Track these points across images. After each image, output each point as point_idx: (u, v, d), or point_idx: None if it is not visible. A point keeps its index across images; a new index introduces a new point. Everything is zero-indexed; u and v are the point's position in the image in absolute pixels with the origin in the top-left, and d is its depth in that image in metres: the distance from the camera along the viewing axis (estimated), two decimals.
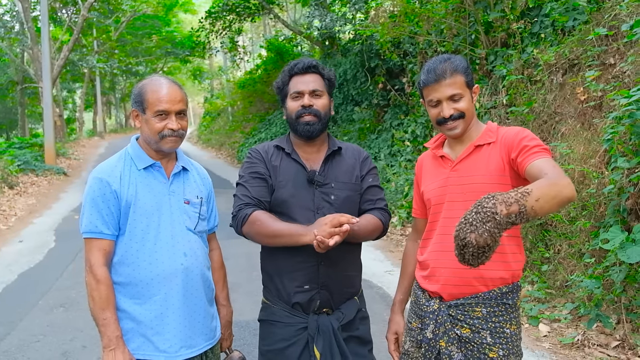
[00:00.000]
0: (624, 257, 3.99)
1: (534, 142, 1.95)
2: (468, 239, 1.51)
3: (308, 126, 2.32)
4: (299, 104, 2.33)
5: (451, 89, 2.07)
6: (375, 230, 2.34)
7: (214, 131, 30.94)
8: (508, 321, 2.04)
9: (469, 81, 2.11)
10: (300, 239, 2.13)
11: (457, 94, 2.08)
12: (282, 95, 2.43)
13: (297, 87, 2.35)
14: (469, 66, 2.14)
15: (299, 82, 2.35)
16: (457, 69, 2.08)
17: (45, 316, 5.42)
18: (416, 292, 2.25)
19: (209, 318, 2.35)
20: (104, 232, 2.17)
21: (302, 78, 2.36)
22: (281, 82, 2.41)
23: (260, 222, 2.22)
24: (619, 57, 5.81)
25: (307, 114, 2.32)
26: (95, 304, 2.13)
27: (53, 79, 18.67)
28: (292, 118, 2.36)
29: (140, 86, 2.25)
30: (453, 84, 2.07)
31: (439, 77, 2.07)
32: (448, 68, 2.07)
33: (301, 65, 2.36)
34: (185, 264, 2.24)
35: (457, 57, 2.13)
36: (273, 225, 2.21)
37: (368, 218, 2.33)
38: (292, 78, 2.38)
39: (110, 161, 2.29)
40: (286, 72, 2.39)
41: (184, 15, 36.91)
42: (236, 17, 19.36)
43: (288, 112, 2.38)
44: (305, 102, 2.32)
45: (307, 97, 2.33)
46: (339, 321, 2.30)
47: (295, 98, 2.35)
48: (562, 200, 1.65)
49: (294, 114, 2.34)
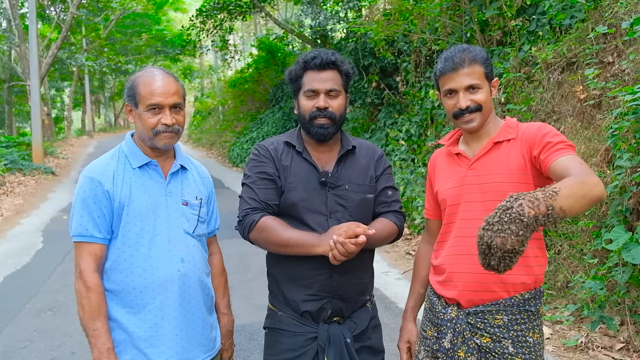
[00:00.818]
0: (629, 258, 3.90)
1: (557, 138, 1.84)
2: (493, 243, 1.40)
3: (322, 129, 2.16)
4: (313, 104, 2.16)
5: (469, 79, 1.96)
6: (390, 235, 2.21)
7: (204, 130, 30.76)
8: (531, 329, 1.92)
9: (489, 73, 2.00)
10: (313, 250, 2.01)
11: (475, 85, 1.97)
12: (294, 87, 2.24)
13: (312, 85, 2.16)
14: (489, 57, 2.03)
15: (315, 80, 2.16)
16: (476, 59, 1.97)
17: (33, 320, 5.27)
18: (431, 298, 2.12)
19: (208, 328, 2.20)
20: (95, 236, 2.02)
21: (318, 75, 2.17)
22: (294, 74, 2.22)
23: (270, 230, 2.07)
24: (617, 56, 5.74)
25: (321, 117, 2.15)
26: (85, 313, 1.99)
27: (41, 77, 18.42)
28: (305, 118, 2.19)
29: (133, 78, 2.11)
30: (471, 74, 1.96)
31: (457, 66, 1.96)
32: (467, 57, 1.97)
33: (319, 61, 2.16)
34: (182, 271, 2.09)
35: (477, 47, 2.02)
36: (283, 233, 2.06)
37: (383, 223, 2.20)
38: (306, 72, 2.19)
39: (102, 159, 2.13)
40: (301, 63, 2.20)
41: (174, 14, 36.62)
42: (227, 15, 19.18)
43: (301, 110, 2.20)
44: (320, 104, 2.15)
45: (323, 98, 2.15)
46: (352, 331, 2.16)
47: (310, 97, 2.17)
48: (592, 199, 1.54)
49: (308, 114, 2.17)
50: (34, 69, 17.11)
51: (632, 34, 4.84)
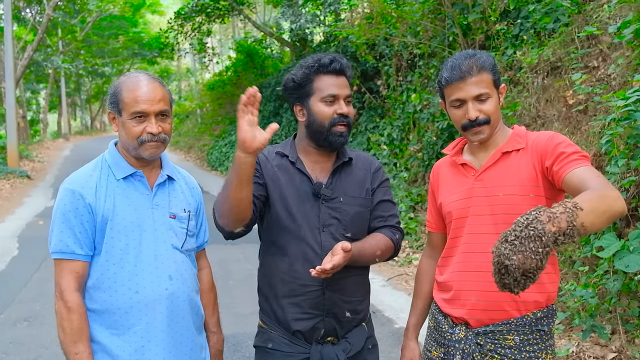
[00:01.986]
0: (621, 266, 3.84)
1: (571, 149, 1.75)
2: (510, 262, 1.30)
3: (342, 138, 2.04)
4: (333, 110, 2.02)
5: (477, 88, 1.85)
6: (385, 251, 2.09)
7: (182, 133, 30.47)
8: (543, 350, 1.83)
9: (497, 80, 1.89)
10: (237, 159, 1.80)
11: (484, 94, 1.86)
12: (299, 93, 2.07)
13: (331, 90, 2.02)
14: (496, 64, 1.92)
15: (333, 85, 2.03)
16: (485, 66, 1.86)
17: (8, 332, 5.06)
18: (437, 316, 2.01)
19: (197, 349, 2.07)
20: (76, 252, 1.88)
21: (336, 80, 2.04)
22: (302, 78, 2.05)
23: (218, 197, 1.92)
24: (602, 60, 5.74)
25: (341, 124, 2.03)
26: (66, 336, 1.84)
27: (16, 80, 18.08)
28: (323, 125, 2.03)
29: (116, 84, 1.96)
30: (480, 82, 1.85)
31: (465, 75, 1.85)
32: (475, 64, 1.85)
33: (338, 66, 2.03)
34: (170, 289, 1.95)
35: (484, 53, 1.92)
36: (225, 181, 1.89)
37: (377, 238, 2.08)
38: (319, 76, 2.04)
39: (84, 170, 1.99)
40: (315, 67, 2.04)
41: (152, 16, 36.34)
42: (205, 18, 19.05)
43: (318, 117, 2.03)
44: (344, 110, 2.02)
45: (344, 104, 2.03)
46: (346, 352, 2.04)
47: (330, 103, 2.03)
48: (613, 214, 1.46)
49: (328, 121, 2.02)
50: (9, 72, 16.75)
51: (621, 37, 4.81)
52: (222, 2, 18.14)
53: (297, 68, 2.09)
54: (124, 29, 32.17)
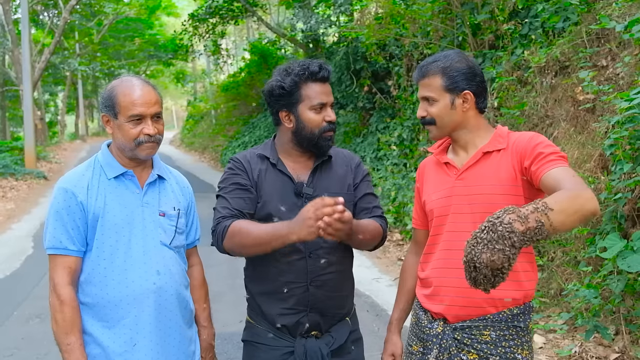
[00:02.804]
0: (624, 266, 3.83)
1: (549, 149, 1.77)
2: (480, 260, 1.33)
3: (330, 142, 2.12)
4: (322, 118, 2.08)
5: (425, 90, 1.95)
6: (376, 234, 2.11)
7: (197, 134, 30.66)
8: (519, 346, 1.86)
9: (449, 85, 1.92)
10: (289, 238, 1.87)
11: (429, 97, 1.94)
12: (288, 100, 2.09)
13: (320, 98, 2.07)
14: (461, 70, 1.93)
15: (321, 92, 2.08)
16: (437, 71, 1.92)
17: (21, 328, 5.18)
18: (418, 312, 2.05)
19: (185, 342, 2.13)
20: (69, 248, 1.96)
21: (322, 87, 2.09)
22: (290, 85, 2.07)
23: (241, 233, 1.97)
24: (611, 59, 5.70)
25: (330, 130, 2.11)
26: (58, 328, 1.93)
27: (34, 82, 18.33)
28: (313, 132, 2.08)
29: (110, 88, 2.03)
30: (427, 86, 1.94)
31: (419, 77, 1.97)
32: (431, 68, 1.94)
33: (326, 74, 2.09)
34: (158, 283, 2.02)
35: (451, 58, 1.94)
36: (255, 231, 1.95)
37: (368, 221, 2.11)
38: (307, 83, 2.08)
39: (77, 170, 2.07)
40: (301, 74, 2.07)
41: (167, 18, 36.59)
42: (219, 20, 19.17)
43: (308, 124, 2.08)
44: (332, 117, 2.10)
45: (331, 111, 2.10)
46: (329, 346, 2.09)
47: (319, 110, 2.08)
48: (584, 215, 1.47)
49: (319, 129, 2.08)
50: (27, 74, 16.98)
51: (631, 35, 4.77)
52: (235, 4, 18.24)
53: (283, 75, 2.10)
54: (139, 31, 32.44)
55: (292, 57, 21.38)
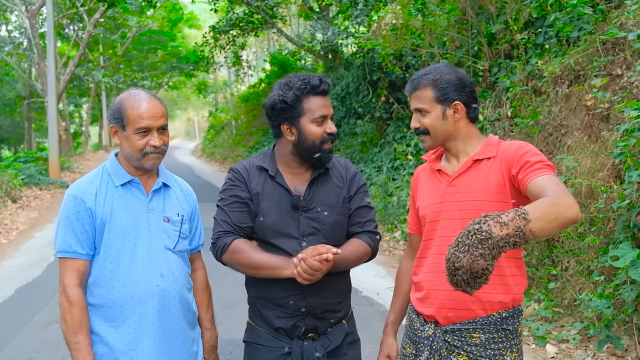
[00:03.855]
0: (636, 276, 3.82)
1: (536, 158, 1.82)
2: (460, 264, 1.39)
3: (330, 154, 2.18)
4: (323, 130, 2.13)
5: (417, 102, 2.01)
6: (363, 256, 2.19)
7: (217, 145, 30.95)
8: (508, 348, 1.89)
9: (440, 97, 1.98)
10: (282, 272, 2.01)
11: (422, 109, 2.00)
12: (290, 114, 2.13)
13: (322, 111, 2.12)
14: (451, 81, 1.99)
15: (322, 105, 2.13)
16: (428, 84, 1.99)
17: (40, 332, 5.32)
18: (411, 315, 2.11)
19: (188, 343, 2.21)
20: (77, 252, 2.06)
21: (323, 100, 2.14)
22: (292, 99, 2.11)
23: (241, 253, 2.08)
24: (626, 68, 5.67)
25: (330, 141, 2.16)
26: (67, 327, 2.02)
27: (59, 94, 18.71)
28: (314, 145, 2.12)
29: (118, 101, 2.12)
30: (419, 98, 2.00)
31: (412, 89, 2.03)
32: (422, 81, 2.00)
33: (327, 87, 2.14)
34: (161, 286, 2.10)
35: (441, 70, 2.00)
36: (254, 256, 2.07)
37: (356, 245, 2.17)
38: (308, 97, 2.12)
39: (87, 177, 2.17)
40: (302, 88, 2.11)
41: (189, 30, 37.06)
42: (240, 32, 19.39)
43: (310, 137, 2.12)
44: (333, 129, 2.15)
45: (331, 124, 2.15)
46: (325, 347, 2.15)
47: (319, 123, 2.13)
48: (564, 221, 1.51)
49: (319, 140, 2.13)
50: (51, 86, 17.32)
51: None
52: (255, 16, 18.46)
53: (284, 89, 2.14)
54: (162, 44, 32.90)
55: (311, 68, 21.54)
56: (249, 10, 18.29)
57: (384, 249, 8.50)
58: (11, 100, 31.80)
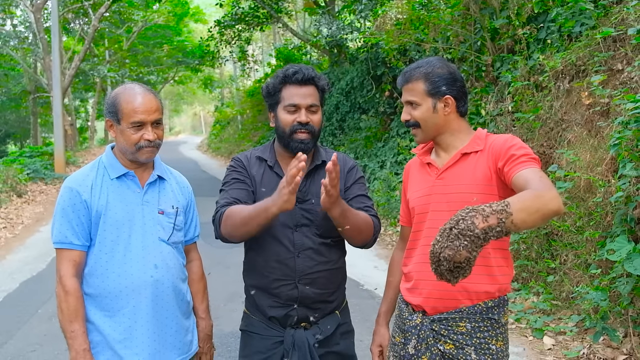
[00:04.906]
0: (631, 269, 3.85)
1: (521, 151, 1.85)
2: (443, 255, 1.42)
3: (302, 144, 2.18)
4: (294, 119, 2.18)
5: (408, 95, 2.05)
6: (368, 225, 2.18)
7: (223, 140, 31.00)
8: (494, 337, 1.93)
9: (431, 90, 2.02)
10: (270, 211, 1.98)
11: (413, 102, 2.04)
12: (271, 101, 2.25)
13: (293, 99, 2.18)
14: (442, 75, 2.03)
15: (296, 94, 2.19)
16: (420, 76, 2.02)
17: (43, 325, 5.40)
18: (400, 305, 2.15)
19: (182, 332, 2.26)
20: (73, 243, 2.11)
21: (299, 90, 2.19)
22: (272, 87, 2.23)
23: (232, 216, 2.09)
24: (626, 63, 5.68)
25: (302, 131, 2.18)
26: (63, 316, 2.07)
27: (64, 89, 18.76)
28: (284, 132, 2.20)
29: (113, 95, 2.17)
30: (410, 90, 2.04)
31: (402, 83, 2.07)
32: (414, 73, 2.03)
33: (300, 77, 2.19)
34: (155, 276, 2.15)
35: (433, 64, 2.04)
36: (242, 212, 2.07)
37: (360, 213, 2.17)
38: (285, 86, 2.21)
39: (83, 170, 2.22)
40: (280, 77, 2.21)
41: (195, 25, 37.06)
42: (245, 26, 19.39)
43: (281, 124, 2.21)
44: (303, 118, 2.17)
45: (304, 114, 2.18)
46: (316, 337, 2.20)
47: (291, 111, 2.19)
48: (546, 214, 1.53)
49: (288, 128, 2.18)
50: (57, 81, 17.38)
51: (638, 39, 4.79)
52: (261, 11, 18.47)
53: (272, 78, 2.25)
54: (168, 38, 32.90)
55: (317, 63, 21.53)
56: (255, 5, 18.30)
57: (387, 243, 8.54)
58: (17, 95, 31.89)
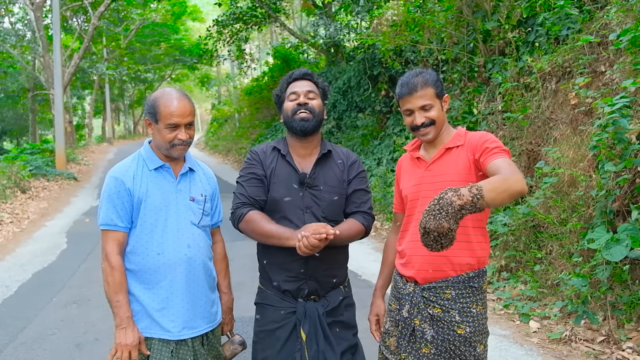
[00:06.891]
0: (608, 256, 4.20)
1: (494, 145, 2.20)
2: (428, 226, 1.75)
3: (303, 122, 2.53)
4: (294, 103, 2.56)
5: (422, 100, 2.33)
6: (356, 234, 2.56)
7: (221, 137, 31.24)
8: (474, 302, 2.28)
9: (439, 92, 2.36)
10: (287, 242, 2.37)
11: (428, 105, 2.33)
12: (279, 102, 2.66)
13: (293, 89, 2.59)
14: (439, 79, 2.39)
15: (295, 86, 2.60)
16: (428, 83, 2.33)
17: (59, 312, 5.68)
18: (395, 277, 2.50)
19: (209, 303, 2.58)
20: (118, 225, 2.43)
21: (298, 83, 2.61)
22: (279, 90, 2.65)
23: (254, 223, 2.46)
24: (609, 65, 6.02)
25: (302, 111, 2.54)
26: (109, 288, 2.39)
27: (64, 86, 18.88)
28: (288, 116, 2.56)
29: (153, 98, 2.48)
30: (424, 96, 2.33)
31: (411, 90, 2.33)
32: (419, 82, 2.33)
33: (298, 73, 2.63)
34: (188, 254, 2.47)
35: (428, 71, 2.38)
36: (265, 226, 2.44)
37: (350, 224, 2.54)
38: (289, 85, 2.62)
39: (125, 162, 2.54)
40: (284, 81, 2.64)
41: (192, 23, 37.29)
42: (243, 25, 19.66)
43: (285, 112, 2.58)
44: (301, 100, 2.56)
45: (303, 96, 2.56)
46: (324, 307, 2.53)
47: (292, 99, 2.57)
48: (512, 193, 1.88)
49: (290, 111, 2.55)
50: (58, 79, 17.54)
51: (617, 45, 5.13)
52: (259, 10, 18.74)
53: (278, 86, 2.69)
54: (165, 36, 33.14)
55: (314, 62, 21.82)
56: (253, 4, 18.56)
57: (383, 237, 8.87)
58: (14, 92, 32.05)
